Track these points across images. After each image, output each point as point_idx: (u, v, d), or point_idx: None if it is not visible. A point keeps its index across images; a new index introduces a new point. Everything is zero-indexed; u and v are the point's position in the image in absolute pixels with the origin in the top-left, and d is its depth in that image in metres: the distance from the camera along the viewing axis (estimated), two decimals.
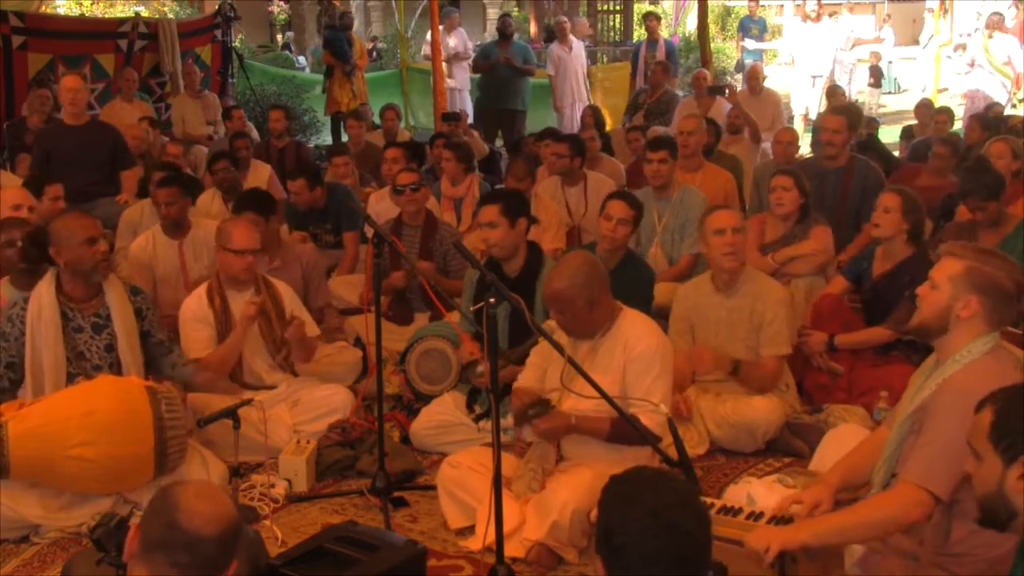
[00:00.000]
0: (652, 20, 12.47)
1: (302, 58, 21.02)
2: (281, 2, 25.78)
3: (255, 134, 9.92)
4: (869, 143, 8.68)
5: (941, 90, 14.88)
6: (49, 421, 3.78)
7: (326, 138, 12.80)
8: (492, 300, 3.14)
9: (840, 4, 18.64)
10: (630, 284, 4.59)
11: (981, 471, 2.23)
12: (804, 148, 9.16)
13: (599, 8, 17.03)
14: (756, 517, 3.05)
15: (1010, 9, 15.01)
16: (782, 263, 5.43)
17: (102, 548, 2.47)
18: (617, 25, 16.92)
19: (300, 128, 12.90)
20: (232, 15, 12.20)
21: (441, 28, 12.32)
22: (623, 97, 12.20)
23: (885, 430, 3.08)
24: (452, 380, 4.84)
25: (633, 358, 3.67)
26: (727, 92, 9.63)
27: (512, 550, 3.47)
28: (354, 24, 13.50)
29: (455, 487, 3.84)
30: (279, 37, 26.43)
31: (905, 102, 16.49)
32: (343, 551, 2.99)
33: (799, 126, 12.05)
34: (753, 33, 15.68)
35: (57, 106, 8.75)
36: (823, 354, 4.81)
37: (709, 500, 3.17)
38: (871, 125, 9.84)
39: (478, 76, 11.81)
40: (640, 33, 15.50)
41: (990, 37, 12.79)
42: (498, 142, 11.19)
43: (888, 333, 4.77)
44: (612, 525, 1.97)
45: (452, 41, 12.51)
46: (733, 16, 19.64)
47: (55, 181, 5.81)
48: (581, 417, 3.64)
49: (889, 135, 11.24)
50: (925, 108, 10.27)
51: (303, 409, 4.66)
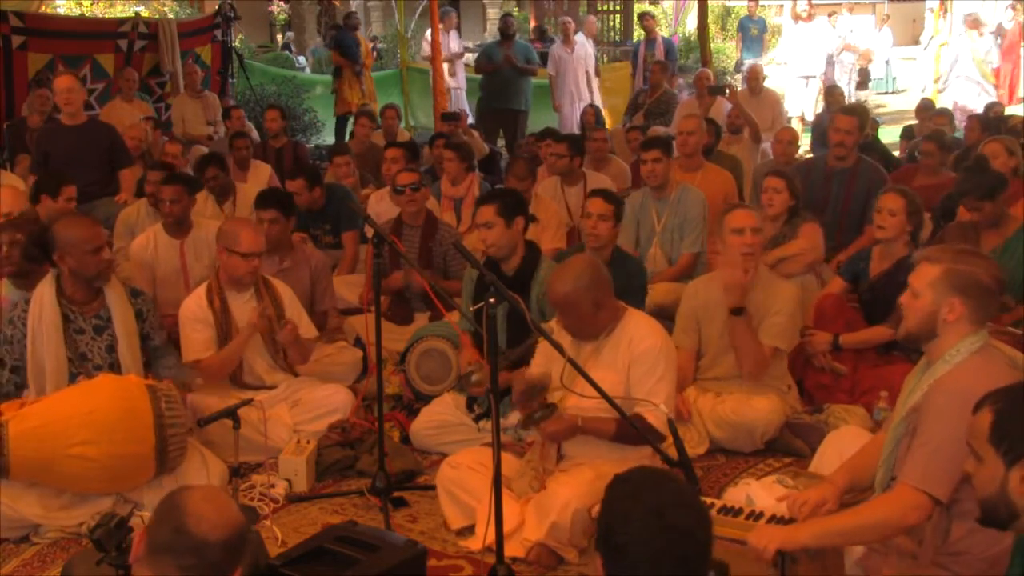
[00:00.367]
0: (648, 20, 12.49)
1: (302, 58, 21.01)
2: (281, 2, 25.78)
3: (255, 134, 9.91)
4: (870, 144, 8.67)
5: (940, 90, 14.87)
6: (49, 421, 3.78)
7: (326, 138, 12.80)
8: (492, 300, 3.14)
9: (840, 4, 18.66)
10: (622, 279, 4.56)
11: (982, 473, 2.22)
12: (803, 150, 9.16)
13: (599, 8, 17.04)
14: (756, 517, 3.05)
15: (1007, 11, 15.07)
16: (773, 264, 5.40)
17: (102, 548, 2.47)
18: (617, 25, 16.93)
19: (300, 128, 12.90)
20: (232, 15, 12.19)
21: (441, 28, 12.34)
22: (623, 97, 12.20)
23: (886, 432, 3.08)
24: (452, 380, 4.84)
25: (637, 357, 3.66)
26: (727, 92, 9.63)
27: (512, 550, 3.47)
28: (359, 25, 13.51)
29: (455, 487, 3.83)
30: (279, 37, 26.41)
31: (905, 102, 16.48)
32: (343, 551, 3.00)
33: (796, 128, 12.03)
34: (753, 33, 15.66)
35: (57, 106, 8.75)
36: (827, 354, 4.81)
37: (709, 500, 3.17)
38: (872, 126, 9.82)
39: (479, 76, 11.82)
40: (640, 33, 15.50)
41: (981, 36, 12.94)
42: (500, 142, 11.19)
43: (891, 332, 4.76)
44: (613, 524, 1.97)
45: (452, 42, 12.54)
46: (733, 16, 19.63)
47: (64, 182, 5.81)
48: (588, 418, 3.63)
49: (889, 135, 11.23)
50: (925, 109, 10.27)
51: (303, 409, 4.66)
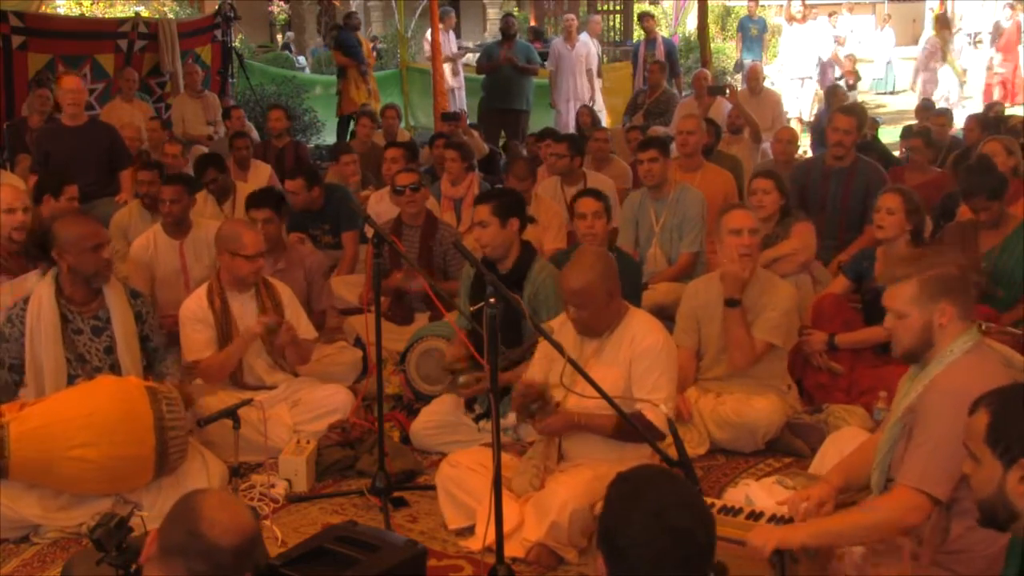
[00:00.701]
0: (648, 20, 12.43)
1: (302, 58, 21.02)
2: (281, 2, 25.78)
3: (255, 134, 9.91)
4: (870, 144, 8.67)
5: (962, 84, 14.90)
6: (50, 422, 3.78)
7: (326, 138, 12.80)
8: (492, 300, 3.14)
9: (840, 4, 18.66)
10: (621, 276, 4.59)
11: (980, 473, 2.22)
12: (803, 150, 9.16)
13: (599, 8, 17.03)
14: (756, 517, 3.05)
15: (1005, 9, 15.10)
16: (766, 265, 5.38)
17: (102, 548, 2.46)
18: (617, 25, 16.92)
19: (300, 128, 12.90)
20: (232, 15, 12.19)
21: (440, 28, 12.35)
22: (623, 97, 12.18)
23: (881, 433, 3.08)
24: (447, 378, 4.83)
25: (638, 354, 3.67)
26: (727, 92, 9.63)
27: (512, 550, 3.47)
28: (360, 24, 13.52)
29: (454, 487, 3.83)
30: (279, 37, 26.42)
31: (905, 102, 16.47)
32: (343, 551, 2.99)
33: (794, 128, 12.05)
34: (753, 34, 15.66)
35: (57, 106, 8.75)
36: (823, 354, 4.81)
37: (709, 500, 3.17)
38: (871, 126, 9.81)
39: (480, 76, 11.81)
40: (640, 33, 15.49)
41: (951, 36, 13.21)
42: (500, 142, 11.19)
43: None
44: (614, 524, 1.97)
45: (446, 40, 12.56)
46: (733, 16, 19.62)
47: (66, 182, 5.81)
48: (584, 414, 3.63)
49: (889, 135, 11.23)
50: (925, 109, 10.26)
51: (303, 409, 4.66)
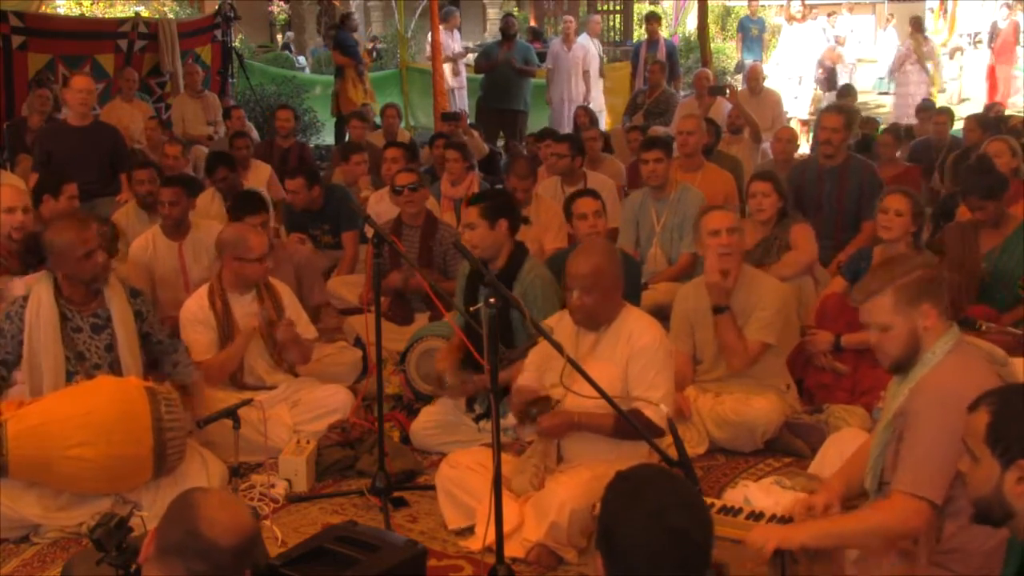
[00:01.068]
0: (653, 22, 12.37)
1: (302, 58, 21.01)
2: (281, 2, 25.77)
3: (255, 134, 9.91)
4: (868, 143, 8.67)
5: (939, 91, 14.89)
6: (48, 421, 3.78)
7: (326, 138, 12.80)
8: (492, 300, 3.13)
9: (840, 4, 18.65)
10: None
11: (977, 472, 2.22)
12: (803, 149, 9.16)
13: (599, 8, 17.03)
14: (756, 517, 3.05)
15: (1001, 9, 15.14)
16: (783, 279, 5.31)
17: (102, 548, 2.46)
18: (617, 25, 16.93)
19: (300, 128, 12.88)
20: (232, 15, 12.19)
21: (441, 28, 12.34)
22: (623, 97, 12.18)
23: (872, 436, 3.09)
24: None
25: (636, 352, 3.67)
26: (727, 92, 9.63)
27: (512, 550, 3.47)
28: (358, 26, 13.55)
29: (454, 487, 3.83)
30: (279, 37, 26.40)
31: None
32: (343, 551, 2.99)
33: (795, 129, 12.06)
34: (753, 34, 15.65)
35: (57, 106, 8.75)
36: (828, 354, 4.80)
37: (709, 500, 3.16)
38: (871, 125, 9.82)
39: (480, 76, 11.82)
40: (640, 33, 15.48)
41: (925, 37, 13.58)
42: (499, 142, 11.19)
43: None
44: (613, 524, 1.97)
45: (449, 40, 12.54)
46: (733, 16, 19.61)
47: (65, 181, 5.81)
48: (584, 414, 3.64)
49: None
50: (925, 109, 10.27)
51: (303, 409, 4.66)
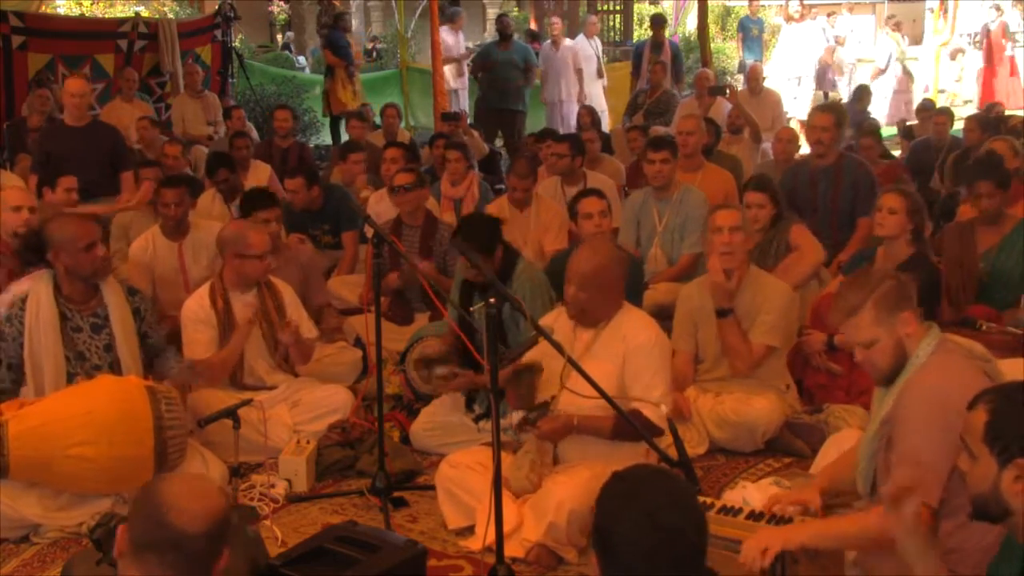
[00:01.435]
0: (659, 27, 12.14)
1: (302, 58, 21.00)
2: (281, 2, 25.78)
3: (255, 134, 9.91)
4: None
5: (939, 91, 14.89)
6: (49, 420, 3.78)
7: (325, 138, 12.80)
8: (492, 300, 3.14)
9: (839, 4, 18.64)
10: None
11: (975, 470, 2.22)
12: (805, 150, 9.14)
13: (599, 8, 17.04)
14: (756, 517, 3.05)
15: (990, 11, 15.18)
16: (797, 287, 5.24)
17: (102, 548, 2.47)
18: (617, 25, 16.94)
19: (300, 128, 12.88)
20: (232, 15, 12.18)
21: (446, 28, 12.35)
22: (624, 97, 12.18)
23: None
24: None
25: (632, 350, 3.68)
26: (728, 92, 9.62)
27: (512, 550, 3.47)
28: (351, 26, 13.54)
29: (454, 487, 3.83)
30: (279, 37, 26.42)
31: None
32: (343, 551, 3.00)
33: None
34: (753, 34, 15.64)
35: (58, 106, 8.75)
36: (822, 354, 4.81)
37: (709, 500, 3.16)
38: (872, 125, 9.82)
39: (479, 76, 11.83)
40: (640, 33, 15.49)
41: (903, 37, 13.80)
42: (498, 142, 11.19)
43: None
44: (607, 522, 1.99)
45: (455, 40, 12.55)
46: (733, 16, 19.61)
47: (62, 174, 5.82)
48: (583, 416, 3.64)
49: (889, 135, 11.24)
50: (925, 109, 10.28)
51: (303, 409, 4.66)
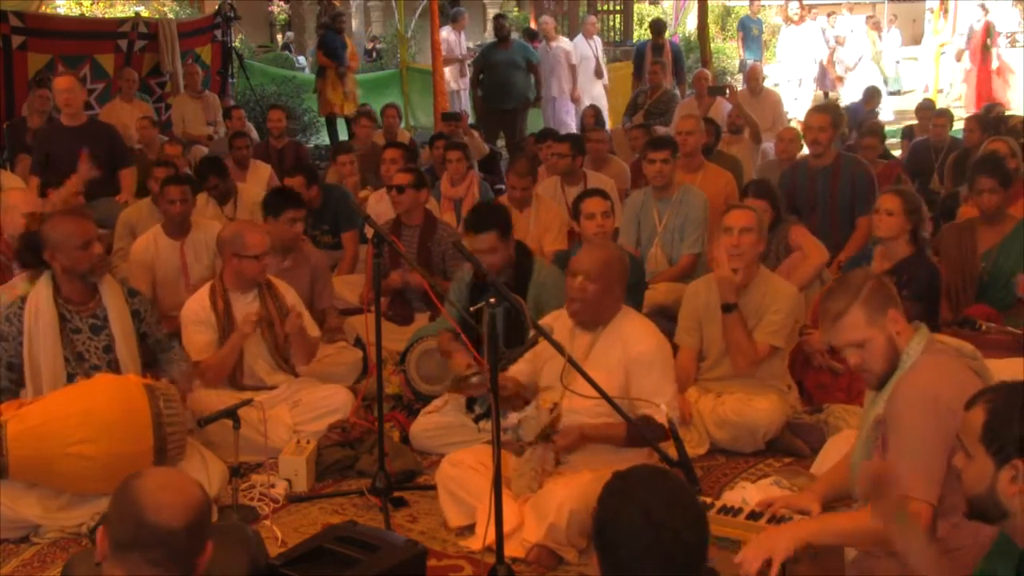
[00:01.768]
0: (659, 33, 12.09)
1: (302, 58, 21.01)
2: (281, 2, 25.79)
3: (255, 134, 9.91)
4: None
5: (939, 91, 14.90)
6: (48, 420, 3.78)
7: (325, 138, 12.81)
8: (493, 300, 3.13)
9: (839, 4, 18.66)
10: None
11: (971, 470, 2.22)
12: (806, 150, 9.14)
13: (599, 8, 17.05)
14: (756, 517, 3.05)
15: (976, 10, 15.21)
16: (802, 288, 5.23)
17: None
18: (617, 25, 16.95)
19: (300, 128, 12.90)
20: (232, 15, 12.19)
21: (449, 28, 12.35)
22: (624, 97, 12.18)
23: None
24: (451, 380, 4.83)
25: (635, 358, 3.67)
26: (727, 92, 9.62)
27: (512, 550, 3.47)
28: (346, 26, 13.54)
29: (455, 486, 3.83)
30: (279, 37, 26.44)
31: (906, 102, 16.47)
32: (343, 551, 3.00)
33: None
34: (753, 34, 15.65)
35: (57, 106, 8.75)
36: (823, 353, 4.80)
37: (709, 500, 3.16)
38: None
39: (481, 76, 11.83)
40: (640, 33, 15.49)
41: (880, 37, 13.81)
42: (499, 142, 11.19)
43: None
44: (605, 520, 2.01)
45: (457, 40, 12.55)
46: (733, 16, 19.64)
47: (61, 179, 5.82)
48: (596, 426, 3.64)
49: (889, 135, 11.22)
50: (925, 109, 10.27)
51: (303, 409, 4.66)
